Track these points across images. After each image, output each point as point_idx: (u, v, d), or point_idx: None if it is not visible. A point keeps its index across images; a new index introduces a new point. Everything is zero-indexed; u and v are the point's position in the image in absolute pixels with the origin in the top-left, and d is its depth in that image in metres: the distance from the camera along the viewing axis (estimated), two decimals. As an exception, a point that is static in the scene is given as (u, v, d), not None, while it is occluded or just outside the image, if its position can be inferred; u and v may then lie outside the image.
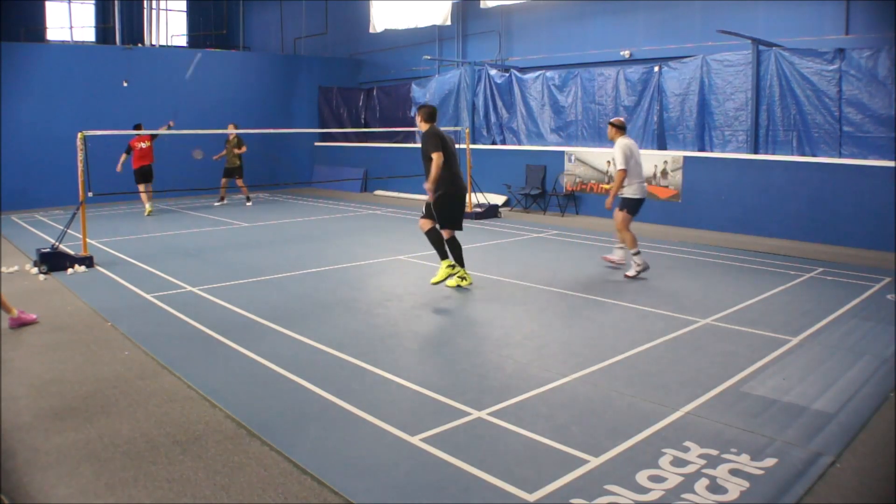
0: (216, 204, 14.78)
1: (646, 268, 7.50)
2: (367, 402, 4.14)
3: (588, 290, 6.93)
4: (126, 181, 12.74)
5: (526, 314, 6.16)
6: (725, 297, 6.64)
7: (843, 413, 3.98)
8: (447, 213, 6.81)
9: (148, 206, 13.24)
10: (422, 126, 6.90)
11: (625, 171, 7.41)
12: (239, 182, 14.53)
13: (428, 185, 6.57)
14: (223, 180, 14.71)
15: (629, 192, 7.52)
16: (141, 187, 12.88)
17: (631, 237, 7.48)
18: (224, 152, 14.46)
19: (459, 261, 7.00)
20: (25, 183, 14.61)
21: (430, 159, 6.57)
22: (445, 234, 6.88)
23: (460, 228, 6.96)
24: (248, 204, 14.73)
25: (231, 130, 13.83)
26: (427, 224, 6.86)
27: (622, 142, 7.52)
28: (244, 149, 14.43)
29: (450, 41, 17.29)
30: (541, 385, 4.39)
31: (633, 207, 7.58)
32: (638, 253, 7.46)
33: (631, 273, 7.47)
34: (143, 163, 12.80)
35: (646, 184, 7.76)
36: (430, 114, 6.91)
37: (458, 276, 6.98)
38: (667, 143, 12.33)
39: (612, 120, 7.79)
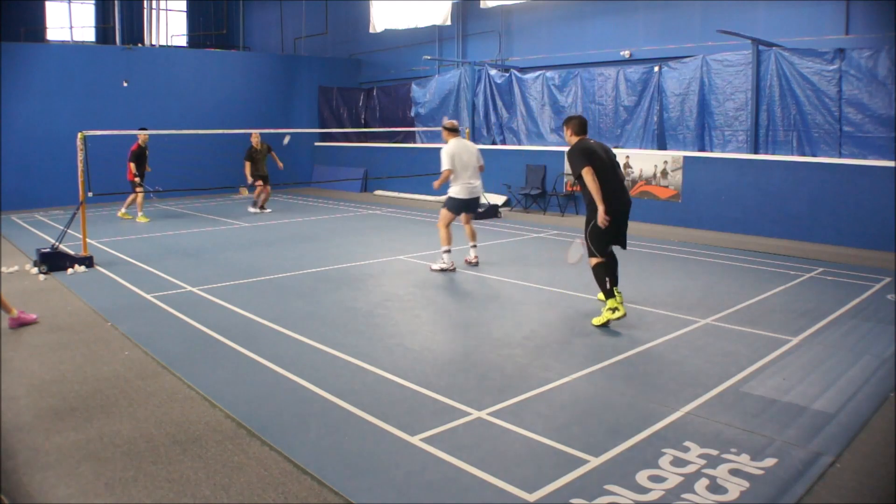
0: (252, 210, 13.58)
1: (452, 269, 7.79)
2: (367, 402, 4.14)
3: (588, 290, 6.92)
4: (125, 182, 12.72)
5: (526, 314, 6.16)
6: (725, 297, 6.63)
7: (843, 413, 3.98)
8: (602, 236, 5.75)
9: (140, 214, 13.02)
10: (570, 140, 5.92)
11: (449, 171, 7.70)
12: (268, 188, 13.50)
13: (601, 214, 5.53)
14: (258, 188, 13.53)
15: (452, 191, 7.86)
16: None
17: (446, 235, 7.80)
18: (249, 166, 13.23)
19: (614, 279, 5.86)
20: (25, 183, 14.61)
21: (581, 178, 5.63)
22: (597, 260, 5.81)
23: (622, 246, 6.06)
24: (266, 210, 13.54)
25: (257, 135, 13.17)
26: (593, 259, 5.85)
27: (451, 143, 7.82)
28: (275, 156, 13.48)
29: (450, 41, 17.30)
30: (541, 385, 4.39)
31: (453, 206, 7.89)
32: (448, 252, 7.80)
33: (436, 267, 7.83)
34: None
35: (474, 186, 7.89)
36: (581, 125, 5.86)
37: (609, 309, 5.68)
38: (667, 143, 12.33)
39: (444, 123, 8.14)
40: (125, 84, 16.10)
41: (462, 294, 6.88)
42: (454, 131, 8.00)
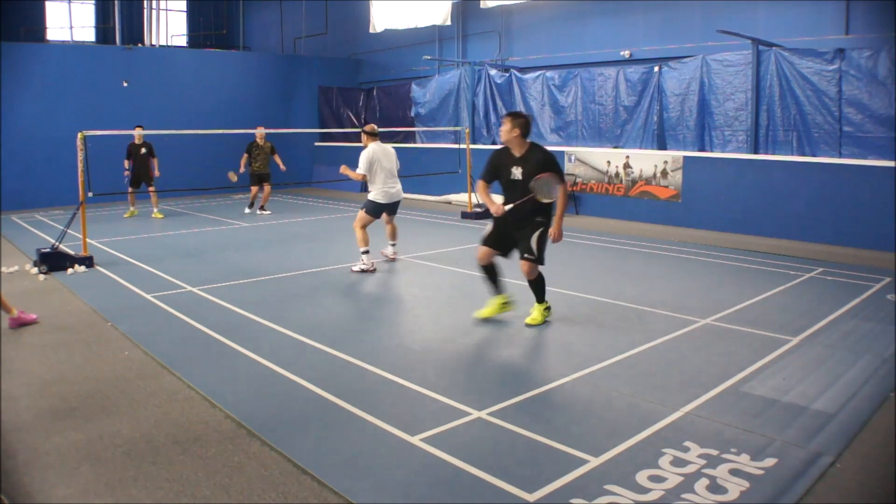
0: (247, 211, 13.56)
1: (372, 270, 7.84)
2: (367, 402, 4.14)
3: (588, 290, 6.92)
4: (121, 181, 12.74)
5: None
6: (725, 297, 6.63)
7: (843, 413, 3.98)
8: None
9: (156, 210, 13.07)
10: (519, 140, 5.49)
11: (363, 175, 7.85)
12: (268, 188, 13.46)
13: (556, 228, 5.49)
14: (254, 188, 13.45)
15: (372, 195, 7.97)
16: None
17: (363, 236, 7.90)
18: (245, 158, 13.31)
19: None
20: (25, 183, 14.61)
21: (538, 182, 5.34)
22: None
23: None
24: (265, 212, 13.42)
25: (261, 131, 13.21)
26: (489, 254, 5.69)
27: (370, 147, 7.91)
28: (279, 158, 13.39)
29: (450, 41, 17.29)
30: (541, 385, 4.39)
31: (372, 209, 7.97)
32: (367, 252, 7.87)
33: (356, 268, 7.86)
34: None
35: (393, 190, 8.02)
36: (526, 125, 5.51)
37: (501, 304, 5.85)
38: (667, 143, 12.32)
39: (364, 128, 8.23)
40: (125, 84, 16.09)
41: (462, 294, 6.88)
42: (374, 136, 8.08)
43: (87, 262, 8.25)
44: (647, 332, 5.54)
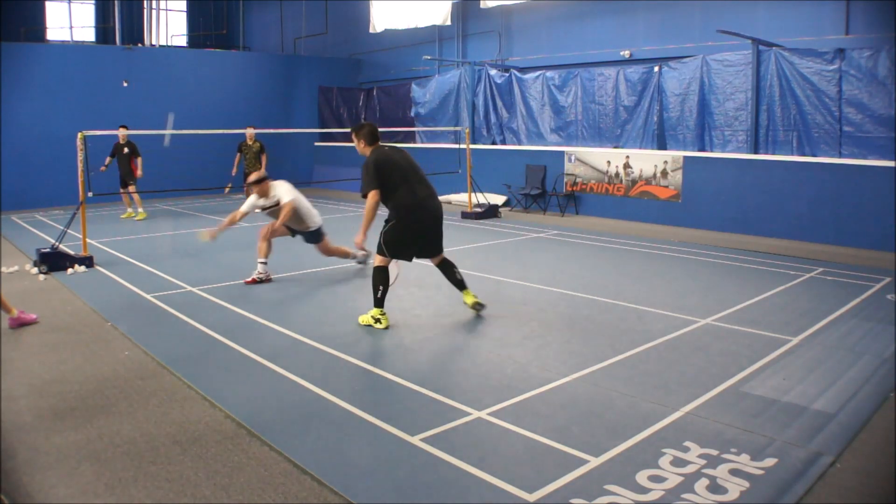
0: None
1: (268, 280, 7.42)
2: (367, 402, 4.14)
3: (588, 290, 6.92)
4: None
5: (526, 314, 6.15)
6: (725, 297, 6.63)
7: (843, 413, 3.98)
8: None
9: (140, 211, 12.98)
10: (363, 151, 5.86)
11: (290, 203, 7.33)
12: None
13: None
14: (247, 188, 13.78)
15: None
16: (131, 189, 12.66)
17: (265, 247, 7.42)
18: (238, 157, 13.56)
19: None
20: (25, 183, 14.61)
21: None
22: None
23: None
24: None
25: (250, 131, 13.25)
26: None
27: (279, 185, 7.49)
28: (265, 159, 13.54)
29: (450, 41, 17.30)
30: (541, 385, 4.39)
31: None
32: (265, 263, 7.44)
33: (250, 279, 7.37)
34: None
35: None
36: (372, 134, 5.82)
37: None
38: (667, 143, 12.33)
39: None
40: (125, 84, 16.09)
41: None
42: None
43: (87, 262, 8.25)
44: (647, 332, 5.53)
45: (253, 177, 7.74)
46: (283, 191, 7.56)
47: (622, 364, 4.80)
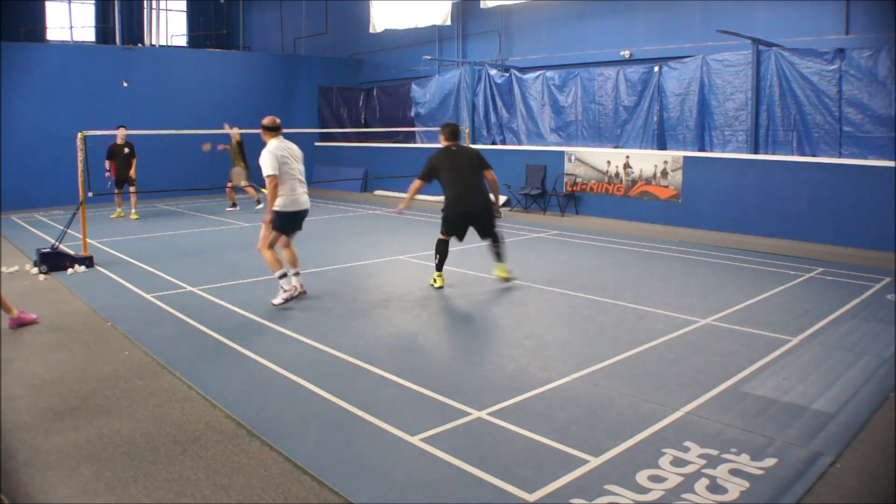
0: (229, 210, 13.86)
1: (297, 295, 6.51)
2: (367, 402, 4.14)
3: (588, 290, 6.92)
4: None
5: (526, 314, 6.16)
6: (725, 297, 6.63)
7: (843, 413, 3.98)
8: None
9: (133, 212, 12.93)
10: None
11: (275, 177, 6.14)
12: (244, 184, 13.68)
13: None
14: (229, 185, 13.71)
15: (278, 204, 6.27)
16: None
17: (272, 258, 6.34)
18: (227, 146, 13.75)
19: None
20: (25, 183, 14.60)
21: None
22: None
23: None
24: (236, 209, 13.79)
25: (234, 131, 13.32)
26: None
27: (272, 144, 6.29)
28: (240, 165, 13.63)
29: (450, 41, 17.29)
30: (541, 385, 4.39)
31: (279, 223, 6.32)
32: (284, 276, 6.36)
33: (277, 301, 6.34)
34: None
35: (303, 198, 6.42)
36: (453, 133, 7.12)
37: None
38: (667, 143, 12.33)
39: (262, 121, 6.44)
40: (125, 84, 16.09)
41: (462, 294, 6.88)
42: (276, 130, 6.40)
43: (87, 262, 8.25)
44: (647, 332, 5.53)
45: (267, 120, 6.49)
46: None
47: (622, 364, 4.80)
